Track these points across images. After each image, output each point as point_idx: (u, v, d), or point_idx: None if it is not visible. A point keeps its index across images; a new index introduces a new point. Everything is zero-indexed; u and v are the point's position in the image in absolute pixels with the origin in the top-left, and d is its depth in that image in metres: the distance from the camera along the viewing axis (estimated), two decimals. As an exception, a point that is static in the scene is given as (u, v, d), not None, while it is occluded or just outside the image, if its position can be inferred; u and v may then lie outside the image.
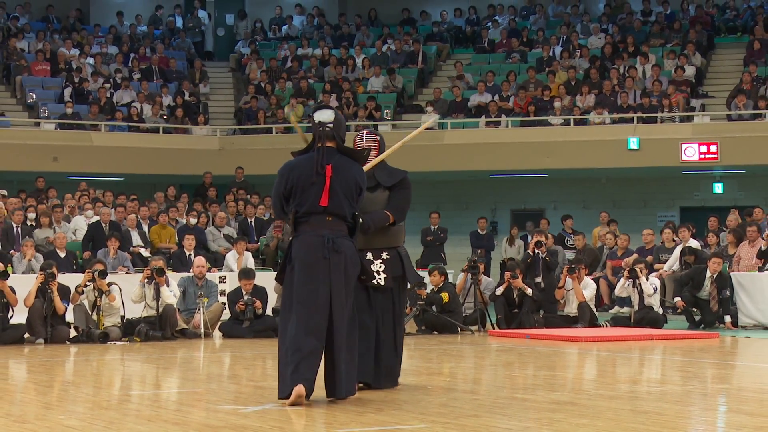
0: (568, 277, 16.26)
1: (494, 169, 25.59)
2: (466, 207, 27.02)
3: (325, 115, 8.04)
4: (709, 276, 16.52)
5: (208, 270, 16.64)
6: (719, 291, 16.46)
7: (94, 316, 14.57)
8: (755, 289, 16.56)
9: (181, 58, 29.63)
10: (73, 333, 14.59)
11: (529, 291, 16.21)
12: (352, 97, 27.04)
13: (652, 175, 25.80)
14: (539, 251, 17.08)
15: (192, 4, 32.20)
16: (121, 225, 19.50)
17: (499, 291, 16.41)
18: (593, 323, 16.14)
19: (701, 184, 26.34)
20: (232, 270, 18.18)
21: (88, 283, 14.62)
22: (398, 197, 8.80)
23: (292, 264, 7.90)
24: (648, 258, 18.39)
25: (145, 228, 20.08)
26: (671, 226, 19.28)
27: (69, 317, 14.78)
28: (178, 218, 21.06)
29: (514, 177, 26.34)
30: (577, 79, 26.58)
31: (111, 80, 27.60)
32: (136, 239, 19.45)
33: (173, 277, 16.02)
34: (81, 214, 20.29)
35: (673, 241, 18.85)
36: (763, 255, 17.03)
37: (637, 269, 16.20)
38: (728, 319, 16.55)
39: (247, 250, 19.03)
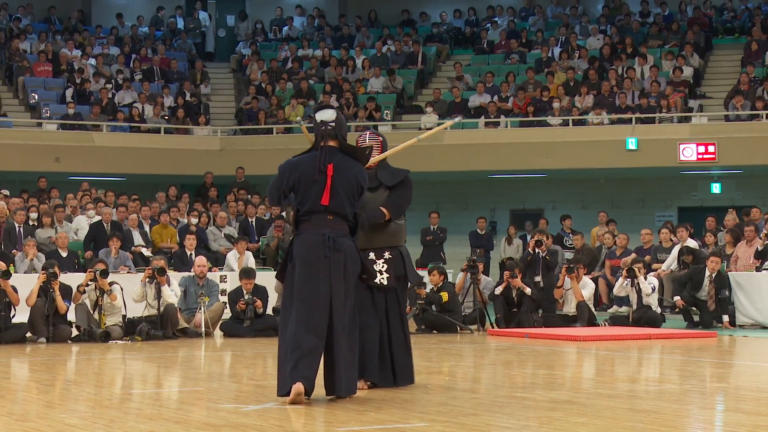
0: (566, 277, 16.30)
1: (493, 170, 25.62)
2: (465, 207, 27.06)
3: (326, 115, 8.08)
4: (708, 275, 16.56)
5: (209, 269, 16.67)
6: (718, 291, 16.50)
7: (96, 315, 14.59)
8: (753, 289, 16.60)
9: (182, 59, 29.65)
10: (74, 332, 14.61)
11: (528, 290, 16.26)
12: (352, 97, 27.07)
13: (651, 175, 25.84)
14: (539, 250, 17.13)
15: (193, 5, 32.22)
16: (123, 225, 19.54)
17: (498, 290, 16.44)
18: (592, 322, 16.18)
19: (699, 184, 26.37)
20: (232, 269, 18.22)
21: (89, 282, 14.65)
22: (397, 195, 8.82)
23: (293, 262, 7.93)
24: (646, 258, 18.45)
25: (147, 228, 20.12)
26: (669, 226, 19.33)
27: (71, 316, 14.80)
28: (179, 218, 21.09)
29: (513, 177, 26.37)
30: (576, 79, 26.62)
31: (112, 81, 27.62)
32: (137, 239, 19.49)
33: (174, 277, 16.05)
34: (83, 214, 20.33)
35: (670, 240, 18.90)
36: (761, 255, 17.08)
37: (636, 269, 16.24)
38: (726, 319, 16.60)
39: (247, 249, 19.07)
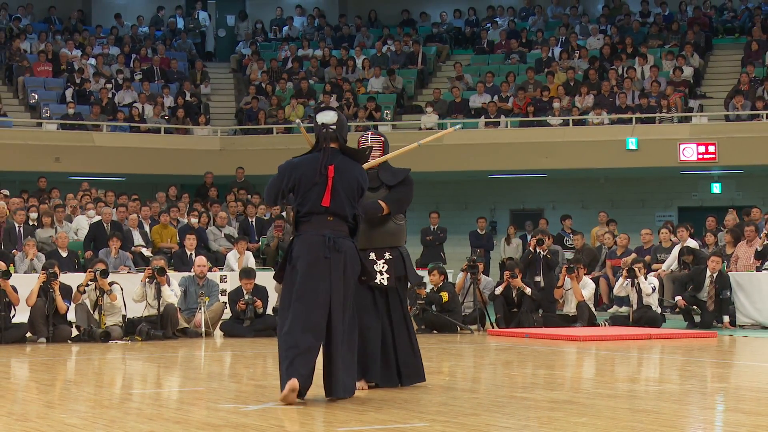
0: (566, 277, 16.31)
1: (493, 170, 25.62)
2: (465, 207, 27.07)
3: (327, 117, 8.08)
4: (709, 275, 16.57)
5: (209, 269, 16.68)
6: (719, 291, 16.49)
7: (96, 315, 14.60)
8: (753, 289, 16.61)
9: (182, 59, 29.66)
10: (74, 332, 14.61)
11: (528, 290, 16.27)
12: (352, 97, 27.08)
13: (651, 175, 25.84)
14: (540, 249, 17.14)
15: (193, 5, 32.23)
16: (123, 225, 19.54)
17: (499, 290, 16.45)
18: (592, 322, 16.18)
19: (699, 184, 26.38)
20: (232, 269, 18.22)
21: (89, 282, 14.66)
22: (397, 191, 8.82)
23: (292, 263, 7.93)
24: (646, 258, 18.45)
25: (147, 228, 20.13)
26: (669, 227, 19.34)
27: (71, 316, 14.80)
28: (180, 218, 21.11)
29: (514, 177, 26.38)
30: (576, 79, 26.62)
31: (112, 81, 27.63)
32: (137, 239, 19.50)
33: (174, 277, 16.06)
34: (83, 214, 20.34)
35: (670, 241, 18.91)
36: (761, 255, 17.09)
37: (636, 269, 16.25)
38: (726, 319, 16.60)
39: (247, 249, 19.08)
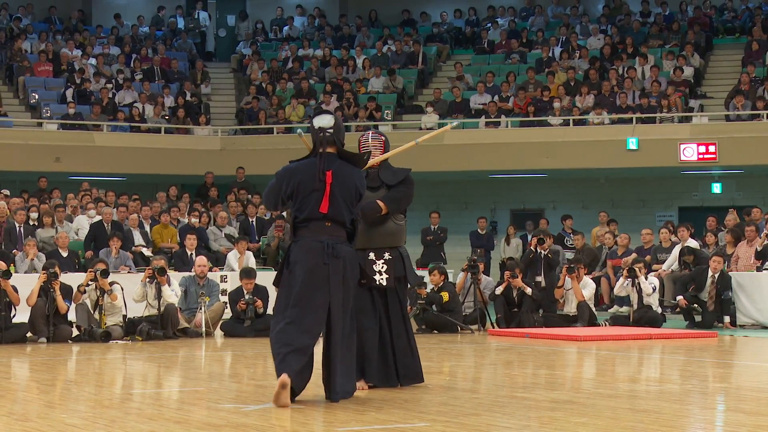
0: (567, 277, 16.32)
1: (494, 169, 25.62)
2: (465, 207, 27.07)
3: (324, 121, 8.04)
4: (711, 276, 16.56)
5: (210, 269, 16.69)
6: (721, 292, 16.49)
7: (96, 315, 14.61)
8: (753, 289, 16.62)
9: (182, 59, 29.66)
10: (75, 332, 14.63)
11: (529, 290, 16.27)
12: (352, 97, 27.09)
13: (651, 175, 25.85)
14: (541, 249, 17.15)
15: (193, 5, 32.24)
16: (123, 225, 19.55)
17: (499, 290, 16.46)
18: (592, 322, 16.19)
19: (700, 184, 26.38)
20: (233, 269, 18.23)
21: (90, 282, 14.67)
22: (396, 190, 8.81)
23: (290, 268, 7.89)
24: (646, 258, 18.45)
25: (147, 228, 20.14)
26: (669, 226, 19.34)
27: (71, 316, 14.81)
28: (180, 218, 21.11)
29: (514, 177, 26.38)
30: (577, 79, 26.63)
31: (113, 81, 27.64)
32: (137, 239, 19.51)
33: (175, 277, 16.08)
34: (83, 214, 20.35)
35: (670, 240, 18.91)
36: (761, 255, 17.10)
37: (636, 269, 16.25)
38: (727, 319, 16.61)
39: (248, 249, 19.09)
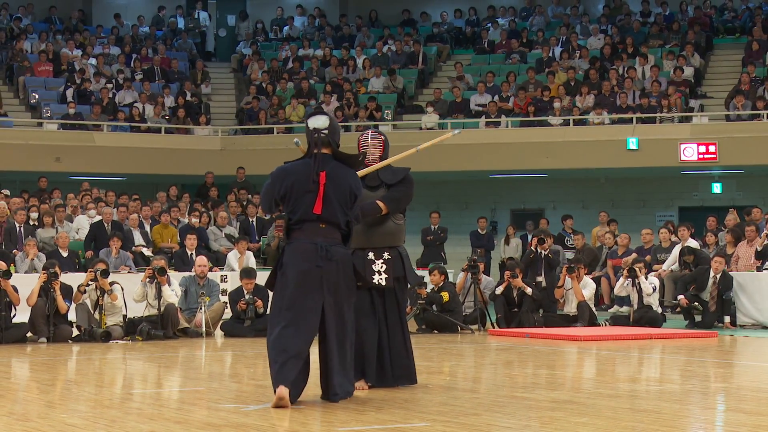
0: (567, 277, 16.32)
1: (494, 169, 25.63)
2: (466, 207, 27.07)
3: (319, 122, 8.00)
4: (712, 276, 16.57)
5: (210, 269, 16.69)
6: (722, 292, 16.49)
7: (97, 315, 14.61)
8: (753, 289, 16.62)
9: (182, 59, 29.66)
10: (75, 332, 14.63)
11: (529, 290, 16.27)
12: (352, 97, 27.09)
13: (651, 175, 25.85)
14: (541, 249, 17.16)
15: (193, 5, 32.24)
16: (123, 225, 19.55)
17: (499, 290, 16.46)
18: (592, 322, 16.20)
19: (700, 184, 26.38)
20: (233, 269, 18.23)
21: (90, 282, 14.67)
22: (395, 190, 8.80)
23: (282, 270, 7.85)
24: (646, 258, 18.45)
25: (147, 227, 20.13)
26: (669, 226, 19.34)
27: (71, 316, 14.81)
28: (180, 218, 21.12)
29: (514, 177, 26.38)
30: (577, 79, 26.63)
31: (113, 81, 27.65)
32: (138, 239, 19.50)
33: (175, 277, 16.08)
34: (83, 214, 20.35)
35: (669, 240, 18.91)
36: (762, 255, 17.10)
37: (636, 269, 16.25)
38: (728, 319, 16.61)
39: (248, 249, 19.09)
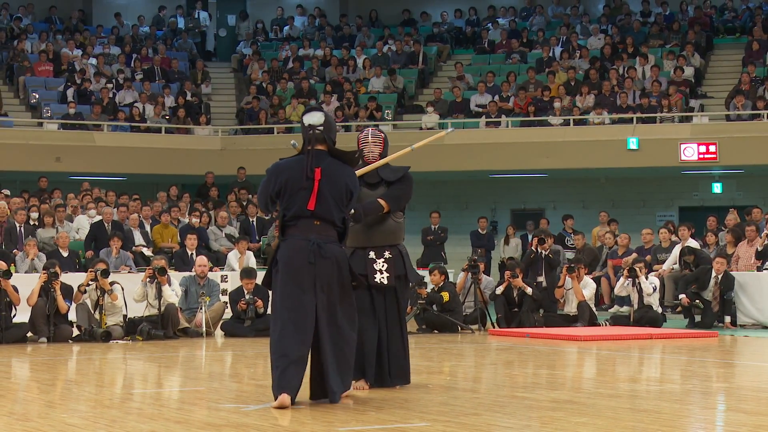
0: (567, 277, 16.32)
1: (494, 169, 25.63)
2: (466, 207, 27.08)
3: (314, 118, 7.97)
4: (714, 276, 16.57)
5: (210, 269, 16.68)
6: (724, 292, 16.49)
7: (97, 315, 14.61)
8: (754, 289, 16.62)
9: (183, 59, 29.66)
10: (75, 332, 14.63)
11: (529, 290, 16.27)
12: (353, 97, 27.09)
13: (652, 175, 25.85)
14: (542, 249, 17.16)
15: (194, 5, 32.24)
16: (124, 224, 19.55)
17: (499, 290, 16.46)
18: (593, 322, 16.20)
19: (700, 184, 26.39)
20: (233, 269, 18.23)
21: (90, 282, 14.67)
22: (396, 188, 8.80)
23: (277, 267, 7.84)
24: (647, 258, 18.45)
25: (147, 227, 20.13)
26: (669, 226, 19.33)
27: (72, 316, 14.81)
28: (180, 218, 21.12)
29: (514, 177, 26.39)
30: (577, 79, 26.63)
31: (113, 81, 27.65)
32: (138, 239, 19.50)
33: (175, 277, 16.09)
34: (83, 214, 20.35)
35: (669, 240, 18.91)
36: (762, 255, 17.10)
37: (637, 269, 16.25)
38: (728, 319, 16.61)
39: (248, 249, 19.09)
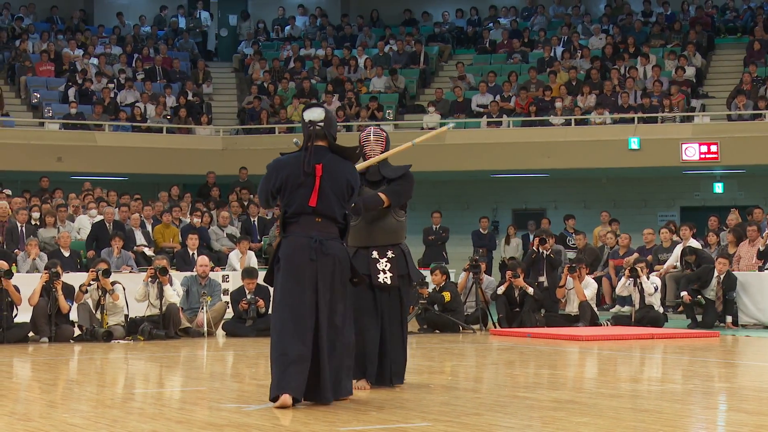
0: (568, 277, 16.32)
1: (495, 169, 25.63)
2: (467, 207, 27.08)
3: (315, 114, 7.95)
4: (716, 276, 16.57)
5: (212, 269, 16.69)
6: (726, 292, 16.49)
7: (98, 314, 14.62)
8: (755, 289, 16.62)
9: (184, 59, 29.67)
10: (77, 332, 14.62)
11: (531, 290, 16.27)
12: (354, 97, 27.10)
13: (653, 174, 25.85)
14: (543, 249, 17.15)
15: (195, 5, 32.24)
16: (125, 224, 19.56)
17: (501, 290, 16.45)
18: (594, 322, 16.19)
19: (701, 184, 26.39)
20: (235, 269, 18.23)
21: (92, 282, 14.66)
22: (396, 183, 8.80)
23: (278, 264, 7.83)
24: (648, 258, 18.44)
25: (149, 227, 20.14)
26: (670, 226, 19.33)
27: (73, 316, 14.80)
28: (182, 218, 21.12)
29: (515, 177, 26.39)
30: (578, 79, 26.64)
31: (114, 80, 27.66)
32: (139, 238, 19.51)
33: (176, 276, 16.09)
34: (85, 214, 20.36)
35: (670, 240, 18.90)
36: (763, 255, 17.10)
37: (638, 268, 16.25)
38: (729, 319, 16.60)
39: (250, 249, 19.08)
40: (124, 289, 14.85)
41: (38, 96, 26.82)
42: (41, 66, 27.63)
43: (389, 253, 8.76)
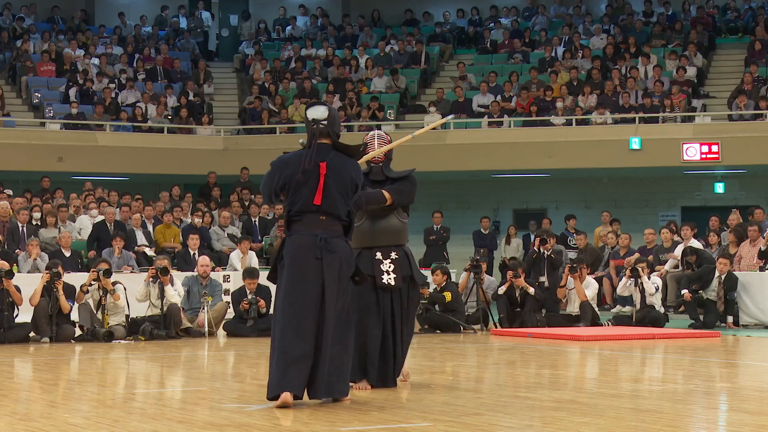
0: (569, 277, 16.32)
1: (496, 169, 25.63)
2: (468, 207, 27.08)
3: (318, 112, 7.97)
4: (717, 276, 16.56)
5: (213, 269, 16.69)
6: (727, 292, 16.49)
7: (99, 315, 14.63)
8: (756, 289, 16.62)
9: (185, 59, 29.67)
10: (78, 332, 14.64)
11: (532, 290, 16.27)
12: (355, 97, 27.09)
13: (654, 174, 25.85)
14: (544, 249, 17.15)
15: (196, 5, 32.25)
16: (126, 224, 19.56)
17: (502, 290, 16.46)
18: (595, 322, 16.19)
19: (702, 184, 26.38)
20: (236, 269, 18.23)
21: (93, 282, 14.67)
22: (400, 183, 8.82)
23: (282, 263, 7.82)
24: (649, 258, 18.44)
25: (150, 227, 20.13)
26: (671, 226, 19.33)
27: (74, 316, 14.82)
28: (183, 218, 21.12)
29: (517, 177, 26.39)
30: (579, 79, 26.63)
31: (116, 80, 27.66)
32: (140, 239, 19.50)
33: (177, 277, 16.07)
34: (86, 214, 20.36)
35: (671, 240, 18.90)
36: (764, 255, 17.10)
37: (639, 268, 16.25)
38: (730, 319, 16.60)
39: (251, 249, 19.08)
40: (125, 289, 14.86)
41: (39, 96, 26.82)
42: (42, 66, 27.64)
43: (393, 254, 8.76)
